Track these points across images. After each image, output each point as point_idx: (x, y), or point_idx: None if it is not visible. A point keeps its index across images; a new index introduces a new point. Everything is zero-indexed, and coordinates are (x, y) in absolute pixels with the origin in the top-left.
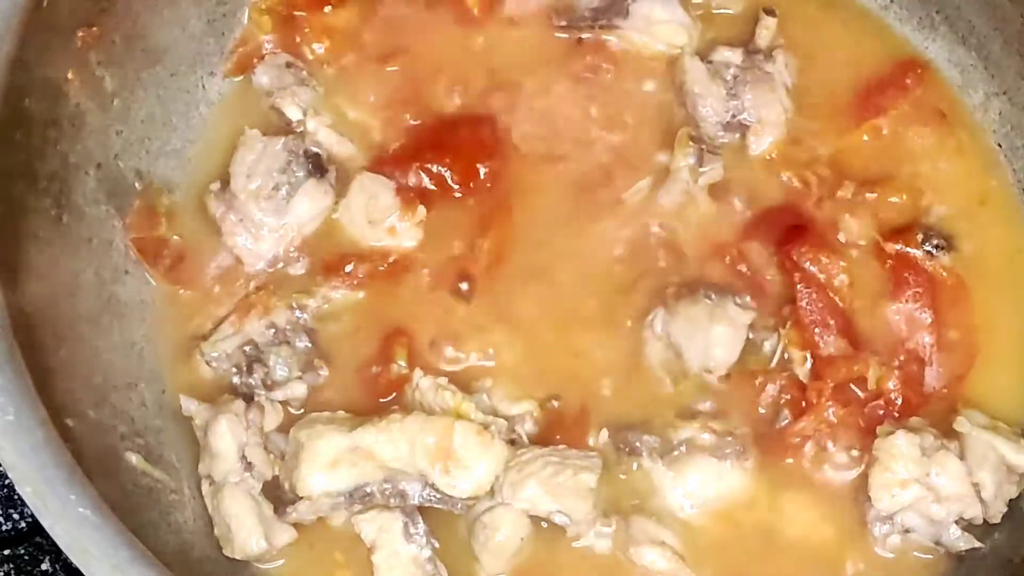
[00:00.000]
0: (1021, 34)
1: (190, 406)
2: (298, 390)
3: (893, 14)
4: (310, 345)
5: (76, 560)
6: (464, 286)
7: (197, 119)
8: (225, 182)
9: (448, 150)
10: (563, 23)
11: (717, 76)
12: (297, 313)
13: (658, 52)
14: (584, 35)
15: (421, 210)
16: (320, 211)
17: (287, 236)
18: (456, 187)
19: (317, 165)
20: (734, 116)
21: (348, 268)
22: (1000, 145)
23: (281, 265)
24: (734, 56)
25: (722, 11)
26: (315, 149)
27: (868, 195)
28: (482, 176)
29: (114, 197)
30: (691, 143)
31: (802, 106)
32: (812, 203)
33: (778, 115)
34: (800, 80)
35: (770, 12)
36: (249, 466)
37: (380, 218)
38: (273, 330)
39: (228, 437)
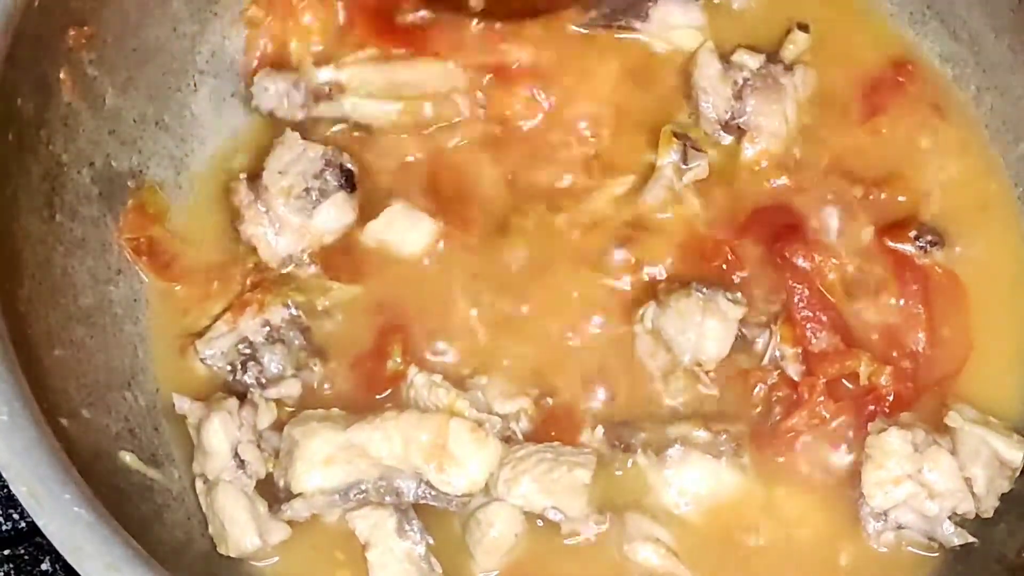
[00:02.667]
0: (1012, 28)
1: (183, 404)
2: (292, 388)
3: (885, 9)
4: (305, 343)
5: (70, 559)
6: None
7: (189, 118)
8: (254, 174)
9: None
10: (581, 23)
11: (728, 77)
12: (292, 311)
13: (670, 53)
14: (598, 32)
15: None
16: (342, 225)
17: (305, 239)
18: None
19: (350, 180)
20: (733, 118)
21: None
22: (992, 140)
23: (292, 267)
24: (752, 61)
25: (736, 6)
26: (350, 165)
27: (880, 196)
28: None
29: (107, 196)
30: (675, 140)
31: (802, 106)
32: (807, 202)
33: (777, 126)
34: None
35: (803, 28)
36: (242, 464)
37: (414, 248)
38: (268, 328)
39: (221, 435)
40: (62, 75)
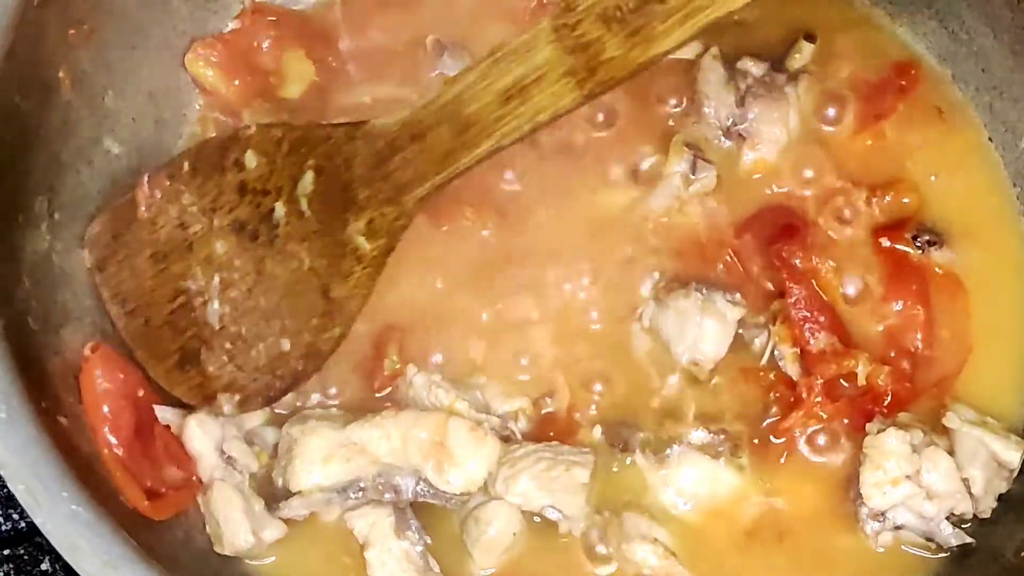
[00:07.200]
0: (1012, 28)
1: (164, 414)
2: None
3: (883, 11)
4: None
5: (67, 557)
6: None
7: (189, 117)
8: None
9: None
10: None
11: (731, 83)
12: None
13: (671, 61)
14: None
15: None
16: None
17: None
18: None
19: None
20: (735, 124)
21: None
22: (991, 140)
23: None
24: (756, 69)
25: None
26: None
27: (884, 199)
28: None
29: (106, 195)
30: (686, 150)
31: (805, 113)
32: (807, 204)
33: (778, 135)
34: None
35: (810, 38)
36: (231, 460)
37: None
38: None
39: (201, 437)
40: (61, 73)
